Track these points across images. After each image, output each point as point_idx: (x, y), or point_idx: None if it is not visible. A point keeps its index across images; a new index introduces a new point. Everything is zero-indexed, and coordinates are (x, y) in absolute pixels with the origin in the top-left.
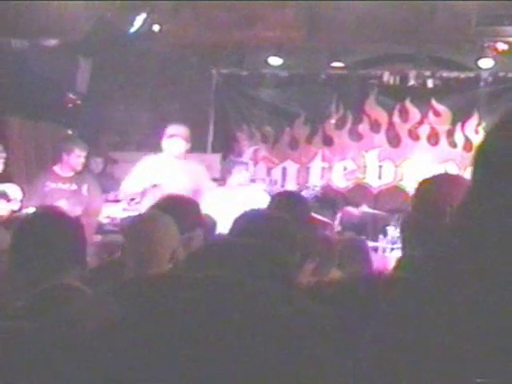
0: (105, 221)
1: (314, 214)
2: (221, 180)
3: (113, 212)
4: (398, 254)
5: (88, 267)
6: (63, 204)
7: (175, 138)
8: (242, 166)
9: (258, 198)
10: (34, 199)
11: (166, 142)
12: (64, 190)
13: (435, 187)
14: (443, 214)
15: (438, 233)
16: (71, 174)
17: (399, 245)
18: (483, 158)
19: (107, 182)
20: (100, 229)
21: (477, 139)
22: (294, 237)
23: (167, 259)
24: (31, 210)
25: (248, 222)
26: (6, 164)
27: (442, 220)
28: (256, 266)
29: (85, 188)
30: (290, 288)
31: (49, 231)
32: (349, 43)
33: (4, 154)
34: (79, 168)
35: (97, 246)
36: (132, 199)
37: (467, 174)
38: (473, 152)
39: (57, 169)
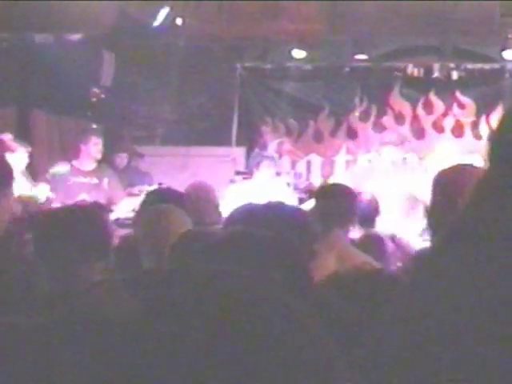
0: (129, 215)
1: None
2: (247, 174)
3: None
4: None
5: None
6: (84, 198)
7: None
8: (270, 161)
9: (284, 193)
10: (58, 193)
11: None
12: (85, 183)
13: (450, 178)
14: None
15: (447, 225)
16: (92, 166)
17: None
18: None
19: (133, 176)
20: (123, 222)
21: None
22: (310, 228)
23: None
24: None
25: (263, 212)
26: (30, 158)
27: (454, 212)
28: (270, 257)
29: (105, 182)
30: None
31: (74, 224)
32: (372, 35)
33: (29, 148)
34: (99, 156)
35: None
36: None
37: None
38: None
39: (77, 163)
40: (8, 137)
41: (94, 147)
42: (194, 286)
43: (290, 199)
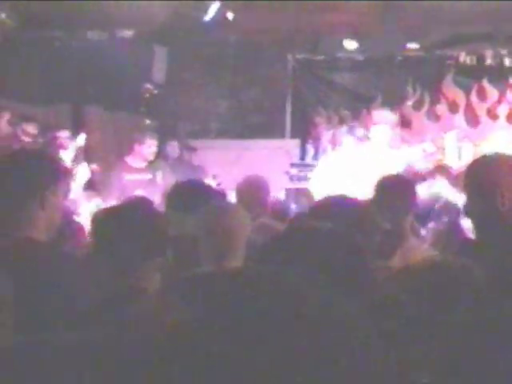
0: None
1: None
2: (301, 166)
3: None
4: None
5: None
6: (140, 194)
7: None
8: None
9: None
10: (113, 192)
11: None
12: (139, 180)
13: (484, 169)
14: (491, 196)
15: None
16: (144, 164)
17: None
18: None
19: (185, 169)
20: None
21: None
22: (374, 223)
23: (242, 249)
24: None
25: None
26: (85, 153)
27: (490, 203)
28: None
29: (159, 176)
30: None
31: (135, 221)
32: (424, 24)
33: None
34: (151, 158)
35: None
36: None
37: None
38: None
39: (130, 159)
40: (65, 134)
41: (148, 149)
42: (247, 290)
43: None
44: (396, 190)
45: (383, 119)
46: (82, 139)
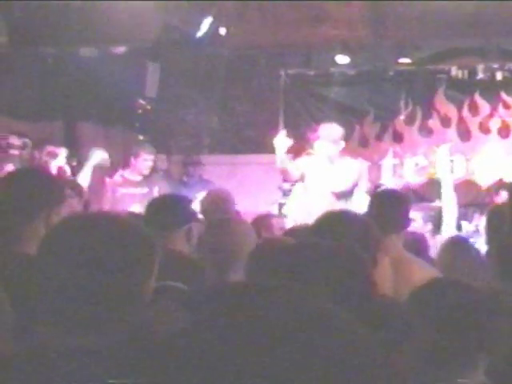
0: None
1: None
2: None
3: None
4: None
5: None
6: (136, 208)
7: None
8: None
9: None
10: (107, 205)
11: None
12: (135, 194)
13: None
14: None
15: None
16: (140, 177)
17: (475, 239)
18: None
19: (197, 184)
20: None
21: None
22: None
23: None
24: None
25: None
26: (78, 168)
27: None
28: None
29: (156, 190)
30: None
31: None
32: (415, 39)
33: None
34: (147, 172)
35: None
36: None
37: None
38: None
39: (126, 173)
40: (62, 152)
41: (143, 163)
42: (246, 304)
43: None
44: (389, 204)
45: (328, 135)
46: (98, 155)
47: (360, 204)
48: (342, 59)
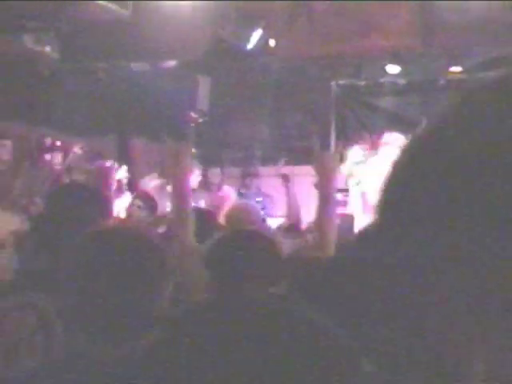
0: None
1: None
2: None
3: None
4: None
5: None
6: None
7: None
8: None
9: None
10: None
11: None
12: None
13: None
14: None
15: None
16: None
17: None
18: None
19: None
20: None
21: None
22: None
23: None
24: None
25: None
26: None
27: None
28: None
29: (202, 204)
30: None
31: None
32: (466, 46)
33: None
34: (194, 186)
35: None
36: None
37: None
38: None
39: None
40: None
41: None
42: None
43: None
44: None
45: (393, 141)
46: (123, 171)
47: None
48: (393, 69)
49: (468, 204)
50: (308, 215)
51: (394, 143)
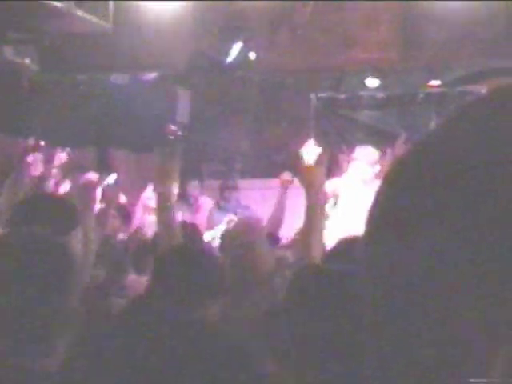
0: None
1: None
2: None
3: None
4: None
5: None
6: None
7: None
8: None
9: None
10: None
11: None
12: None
13: None
14: None
15: None
16: None
17: None
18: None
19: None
20: None
21: None
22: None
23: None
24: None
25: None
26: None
27: None
28: None
29: (179, 216)
30: None
31: (189, 266)
32: (446, 60)
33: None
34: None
35: None
36: None
37: None
38: None
39: (150, 200)
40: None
41: None
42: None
43: None
44: None
45: (363, 156)
46: (112, 178)
47: None
48: (372, 82)
49: (465, 213)
50: (290, 227)
51: (363, 159)
